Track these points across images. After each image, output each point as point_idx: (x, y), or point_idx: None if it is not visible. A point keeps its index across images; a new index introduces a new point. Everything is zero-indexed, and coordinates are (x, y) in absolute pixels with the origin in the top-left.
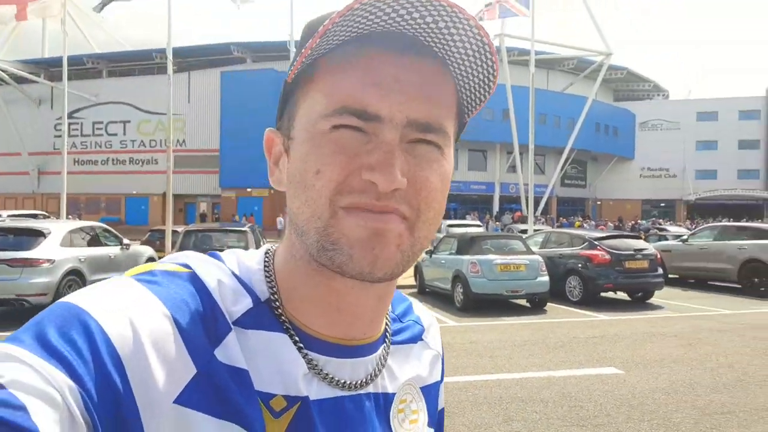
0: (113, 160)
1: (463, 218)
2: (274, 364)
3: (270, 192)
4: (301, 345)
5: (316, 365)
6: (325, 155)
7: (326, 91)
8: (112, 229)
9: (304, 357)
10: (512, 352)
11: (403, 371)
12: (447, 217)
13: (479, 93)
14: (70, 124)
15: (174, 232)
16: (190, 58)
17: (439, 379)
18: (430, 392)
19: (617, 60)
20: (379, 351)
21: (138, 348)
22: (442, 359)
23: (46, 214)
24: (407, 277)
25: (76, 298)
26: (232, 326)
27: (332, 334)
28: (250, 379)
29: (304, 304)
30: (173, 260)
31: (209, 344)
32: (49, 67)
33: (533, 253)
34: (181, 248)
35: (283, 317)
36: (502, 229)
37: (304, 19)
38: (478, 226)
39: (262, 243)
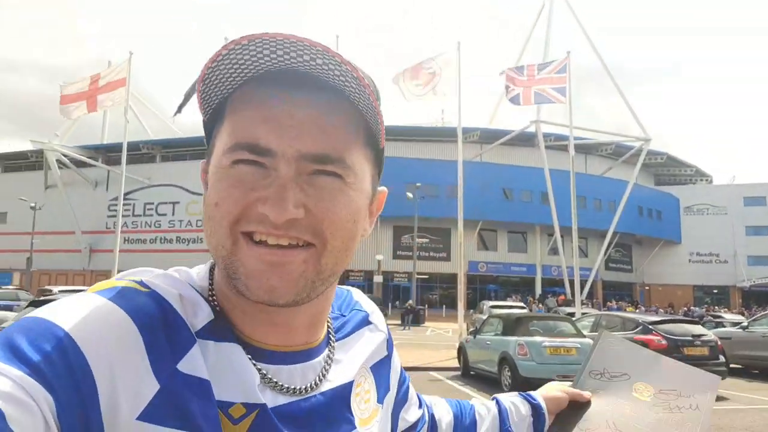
0: (161, 239)
1: (505, 300)
2: (233, 374)
3: None
4: (250, 356)
5: (266, 374)
6: (224, 189)
7: (228, 130)
8: None
9: (255, 366)
10: None
11: (355, 359)
12: (487, 298)
13: (377, 120)
14: (123, 204)
15: None
16: None
17: (386, 353)
18: (379, 369)
19: (657, 144)
20: (325, 352)
21: (108, 362)
22: (389, 338)
23: None
24: (450, 359)
25: (43, 312)
26: (196, 339)
27: (274, 343)
28: (211, 389)
29: (243, 319)
30: (128, 278)
31: (173, 357)
32: (107, 152)
33: (584, 336)
34: None
35: (234, 330)
36: (547, 311)
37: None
38: (522, 307)
39: None
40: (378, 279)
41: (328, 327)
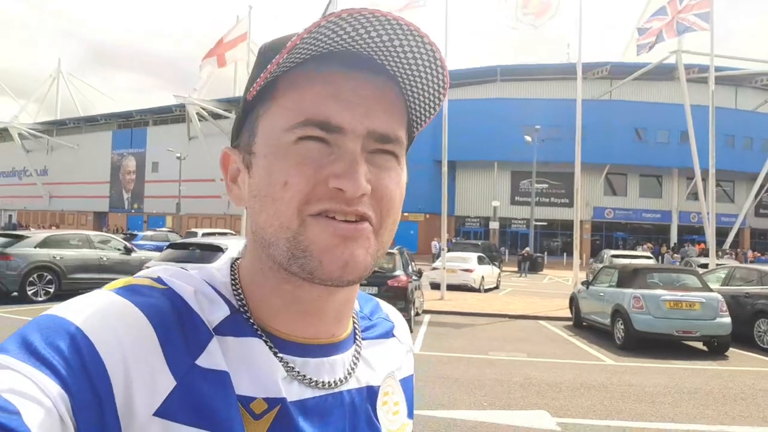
0: None
1: (633, 249)
2: (254, 369)
3: (425, 216)
4: (276, 350)
5: (293, 368)
6: (291, 167)
7: (288, 106)
8: None
9: (280, 360)
10: (679, 400)
11: (382, 364)
12: (614, 246)
13: (429, 108)
14: None
15: None
16: None
17: (411, 372)
18: (407, 385)
19: None
20: (352, 347)
21: (122, 359)
22: (412, 353)
23: (233, 233)
24: (564, 309)
25: (58, 310)
26: (213, 333)
27: (302, 335)
28: (230, 382)
29: (273, 311)
30: (147, 275)
31: (190, 354)
32: (238, 104)
33: (711, 290)
34: None
35: (254, 325)
36: (680, 262)
37: (458, 49)
38: (648, 258)
39: (411, 265)
40: (494, 225)
41: (355, 324)
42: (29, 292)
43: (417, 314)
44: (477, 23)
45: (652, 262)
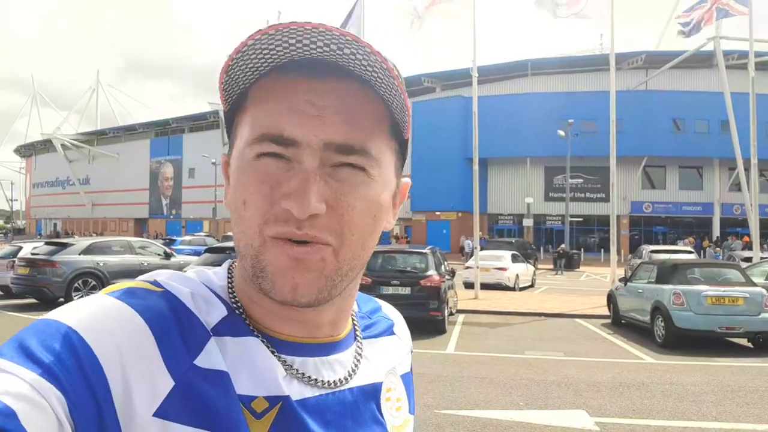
0: None
1: (674, 243)
2: (254, 368)
3: (458, 215)
4: (274, 349)
5: (292, 366)
6: (250, 185)
7: (251, 121)
8: None
9: (279, 359)
10: (722, 398)
11: (383, 361)
12: (654, 241)
13: (404, 112)
14: None
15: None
16: None
17: (409, 370)
18: (408, 380)
19: None
20: (353, 346)
21: (119, 359)
22: (411, 353)
23: None
24: (601, 306)
25: (54, 314)
26: (211, 333)
27: (299, 335)
28: (230, 381)
29: (267, 313)
30: (144, 279)
31: (188, 353)
32: None
33: (755, 284)
34: (368, 268)
35: (251, 326)
36: (723, 256)
37: (487, 44)
38: (689, 252)
39: (444, 265)
40: (528, 222)
41: (354, 323)
42: (74, 298)
43: (451, 314)
44: (506, 19)
45: (693, 257)
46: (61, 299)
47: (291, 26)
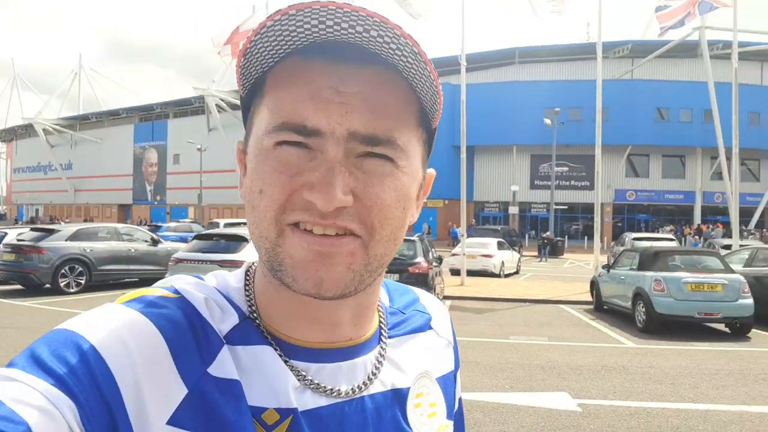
0: None
1: (656, 231)
2: (265, 378)
3: (444, 203)
4: (287, 358)
5: (305, 375)
6: (267, 174)
7: (271, 107)
8: None
9: (291, 369)
10: (699, 381)
11: (413, 363)
12: (637, 229)
13: (435, 99)
14: None
15: None
16: None
17: (453, 368)
18: (446, 382)
19: None
20: (376, 348)
21: (131, 368)
22: (455, 347)
23: None
24: (584, 293)
25: (67, 324)
26: (224, 342)
27: (316, 340)
28: (242, 391)
29: (283, 317)
30: (160, 285)
31: (201, 362)
32: None
33: (733, 271)
34: None
35: (264, 332)
36: (703, 244)
37: (474, 32)
38: (671, 240)
39: (431, 252)
40: (513, 210)
41: (381, 321)
42: (61, 284)
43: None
44: (493, 6)
45: (674, 244)
46: (47, 285)
47: (313, 5)
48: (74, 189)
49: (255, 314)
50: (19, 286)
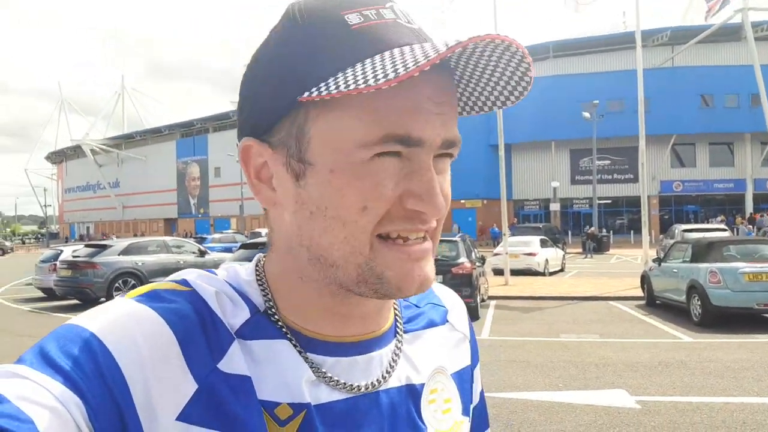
0: None
1: (706, 222)
2: (278, 373)
3: (483, 203)
4: (301, 350)
5: (321, 369)
6: (369, 189)
7: (361, 116)
8: None
9: (307, 361)
10: (763, 374)
11: (428, 358)
12: (685, 221)
13: (486, 100)
14: None
15: None
16: None
17: (470, 363)
18: (463, 378)
19: None
20: (392, 342)
21: (140, 364)
22: (473, 341)
23: None
24: (634, 288)
25: (77, 319)
26: (234, 337)
27: (332, 333)
28: (252, 387)
29: (304, 311)
30: (172, 279)
31: (211, 357)
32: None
33: None
34: None
35: (280, 323)
36: (757, 233)
37: (507, 28)
38: (723, 230)
39: (474, 252)
40: (554, 207)
41: (396, 315)
42: (116, 297)
43: (483, 300)
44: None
45: (726, 234)
46: (103, 299)
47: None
48: (122, 206)
49: (273, 308)
50: (76, 301)
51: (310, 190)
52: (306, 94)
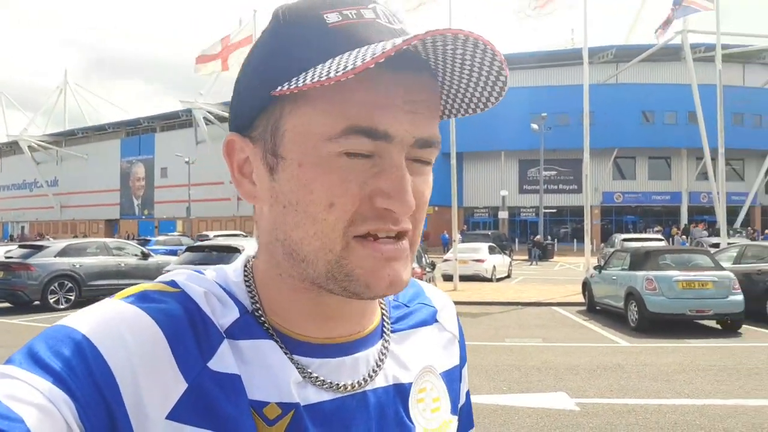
0: None
1: (644, 232)
2: (266, 373)
3: (434, 209)
4: (289, 352)
5: (308, 370)
6: (336, 185)
7: (327, 110)
8: None
9: (294, 363)
10: (694, 377)
11: (416, 358)
12: (624, 230)
13: (467, 105)
14: None
15: None
16: None
17: (458, 363)
18: (451, 377)
19: None
20: (378, 342)
21: (130, 363)
22: (461, 342)
23: (244, 234)
24: (576, 294)
25: (66, 320)
26: (224, 336)
27: (318, 335)
28: (242, 385)
29: (289, 313)
30: (160, 280)
31: (201, 356)
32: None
33: (723, 268)
34: None
35: (266, 325)
36: (690, 243)
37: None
38: (659, 240)
39: (424, 258)
40: (503, 215)
41: (383, 315)
42: (51, 301)
43: None
44: (479, 14)
45: (663, 244)
46: (37, 302)
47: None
48: (60, 205)
49: (259, 309)
50: (7, 304)
51: (282, 184)
52: (279, 88)
